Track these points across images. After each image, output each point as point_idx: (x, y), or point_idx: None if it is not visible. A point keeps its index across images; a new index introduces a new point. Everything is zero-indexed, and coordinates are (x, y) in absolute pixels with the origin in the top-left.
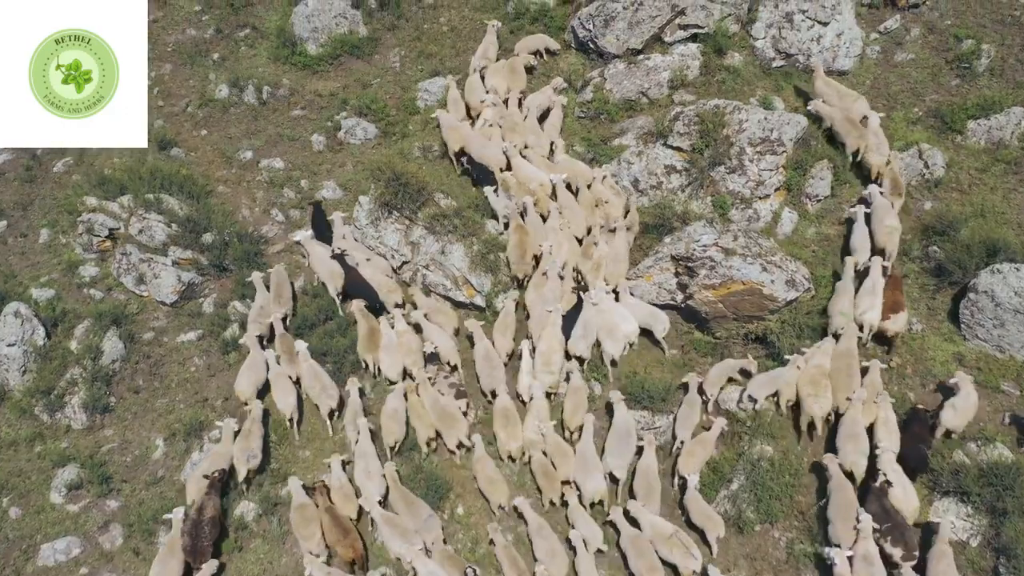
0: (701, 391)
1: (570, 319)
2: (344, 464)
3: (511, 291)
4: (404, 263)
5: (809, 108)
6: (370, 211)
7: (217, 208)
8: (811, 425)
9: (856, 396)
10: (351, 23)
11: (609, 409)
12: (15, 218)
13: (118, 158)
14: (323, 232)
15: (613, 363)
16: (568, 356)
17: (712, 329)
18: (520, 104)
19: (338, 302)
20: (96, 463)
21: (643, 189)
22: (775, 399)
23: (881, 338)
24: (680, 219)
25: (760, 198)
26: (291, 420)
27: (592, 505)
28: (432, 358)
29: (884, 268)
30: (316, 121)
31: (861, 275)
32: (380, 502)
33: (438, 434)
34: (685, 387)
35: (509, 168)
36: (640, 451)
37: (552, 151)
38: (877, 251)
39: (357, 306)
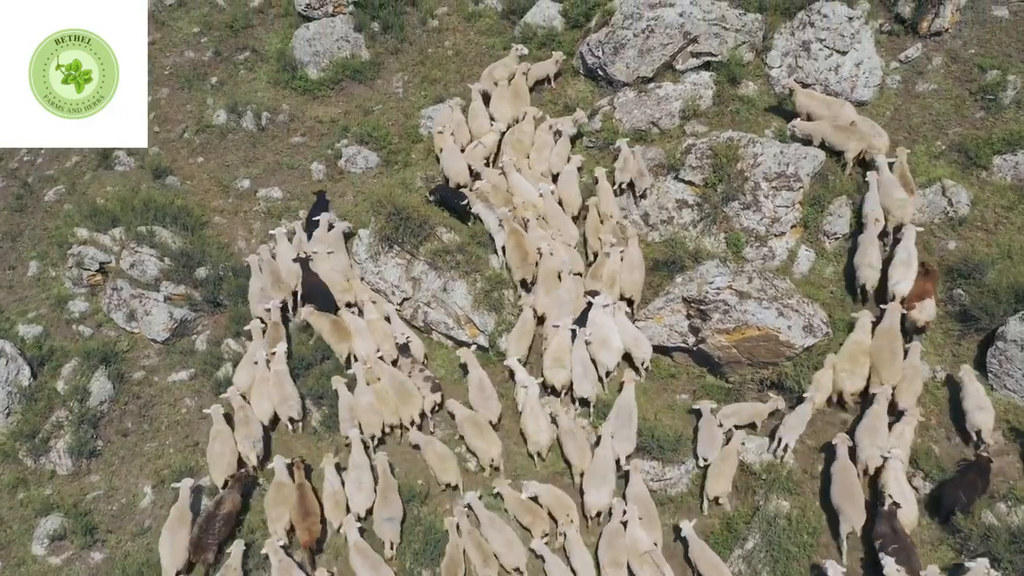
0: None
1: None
2: (338, 468)
3: (526, 296)
4: (405, 299)
5: (790, 129)
6: (370, 245)
7: (212, 240)
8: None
9: (881, 392)
10: (353, 47)
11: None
12: (3, 249)
13: (111, 187)
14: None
15: (607, 374)
16: (573, 400)
17: (725, 373)
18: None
19: (290, 303)
20: (81, 512)
21: (653, 224)
22: None
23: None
24: (692, 257)
25: (775, 235)
26: (266, 423)
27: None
28: (404, 350)
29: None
30: (316, 149)
31: (891, 245)
32: (361, 530)
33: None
34: (697, 413)
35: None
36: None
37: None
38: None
39: (307, 311)
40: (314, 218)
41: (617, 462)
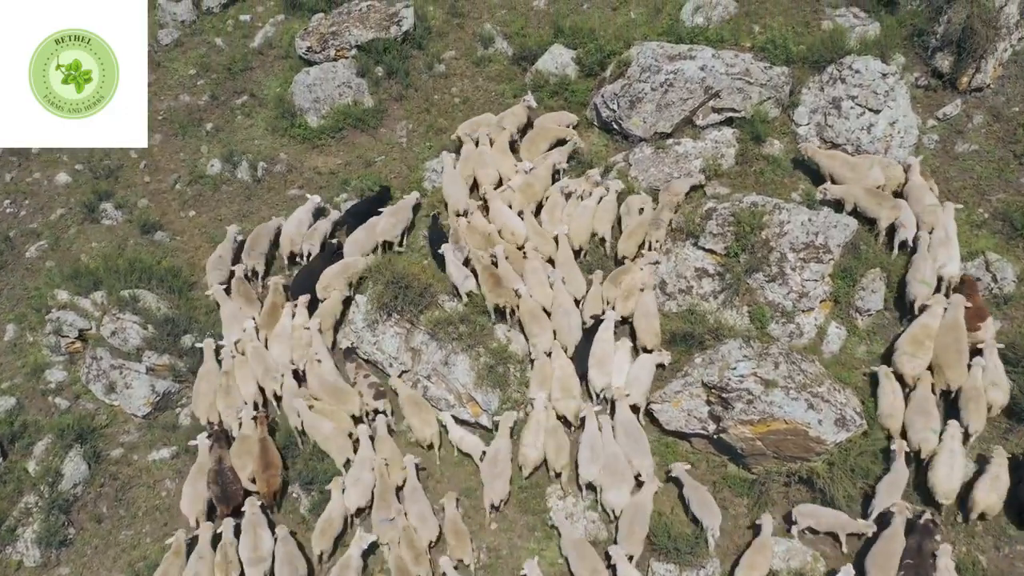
0: None
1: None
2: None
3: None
4: (404, 372)
5: (821, 193)
6: (367, 312)
7: (200, 303)
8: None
9: (923, 377)
10: (356, 92)
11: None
12: None
13: (96, 243)
14: (361, 212)
15: (597, 395)
16: (579, 486)
17: (749, 464)
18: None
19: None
20: None
21: (671, 292)
22: None
23: None
24: (712, 333)
25: (803, 311)
26: (256, 406)
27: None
28: (349, 353)
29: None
30: None
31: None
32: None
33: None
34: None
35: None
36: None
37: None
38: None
39: (275, 281)
40: (379, 209)
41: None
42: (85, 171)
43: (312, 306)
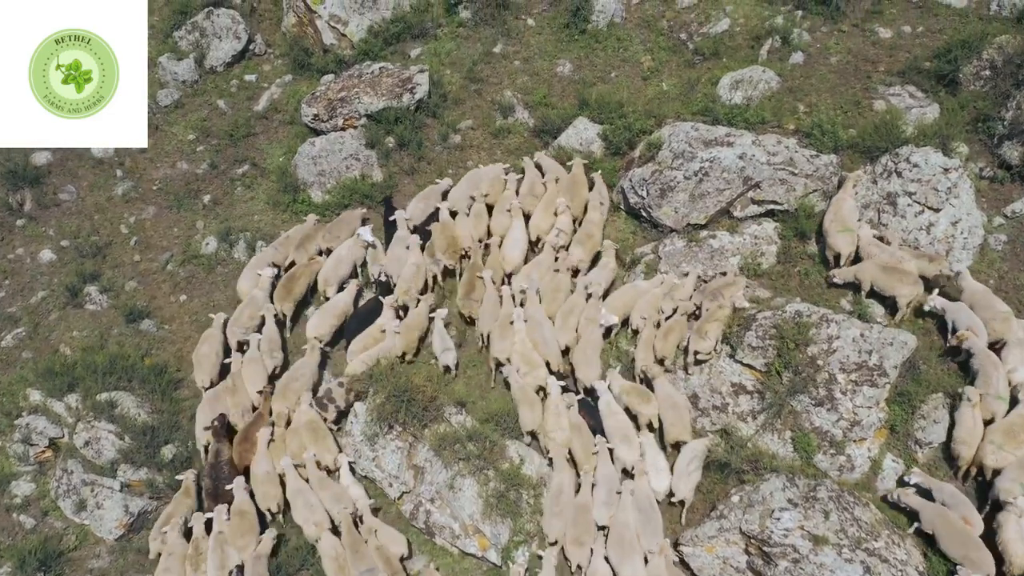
0: None
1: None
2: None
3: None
4: (404, 493)
5: (830, 278)
6: (367, 424)
7: (186, 406)
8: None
9: None
10: (364, 165)
11: None
12: None
13: (78, 331)
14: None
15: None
16: None
17: None
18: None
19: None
20: None
21: (703, 408)
22: None
23: None
24: (751, 463)
25: (855, 441)
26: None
27: None
28: None
29: None
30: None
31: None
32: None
33: None
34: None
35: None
36: None
37: None
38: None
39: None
40: (391, 218)
41: None
42: (71, 248)
43: None
